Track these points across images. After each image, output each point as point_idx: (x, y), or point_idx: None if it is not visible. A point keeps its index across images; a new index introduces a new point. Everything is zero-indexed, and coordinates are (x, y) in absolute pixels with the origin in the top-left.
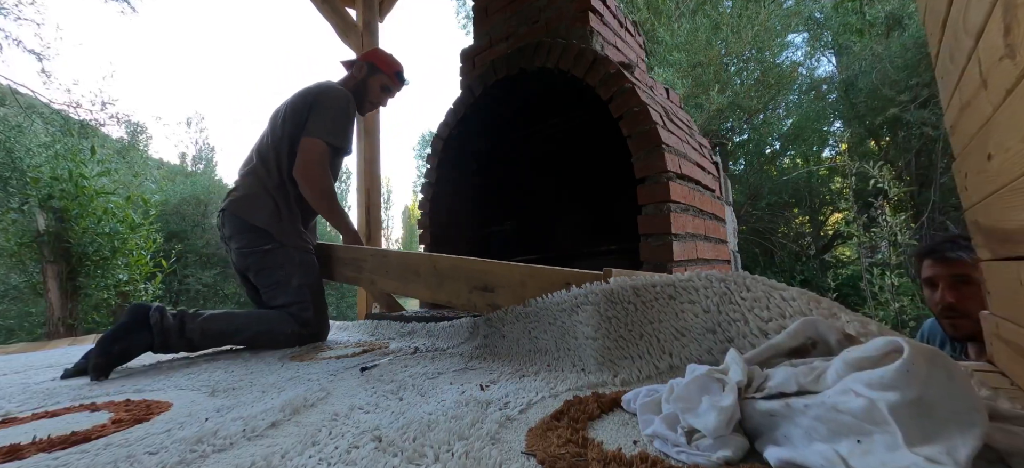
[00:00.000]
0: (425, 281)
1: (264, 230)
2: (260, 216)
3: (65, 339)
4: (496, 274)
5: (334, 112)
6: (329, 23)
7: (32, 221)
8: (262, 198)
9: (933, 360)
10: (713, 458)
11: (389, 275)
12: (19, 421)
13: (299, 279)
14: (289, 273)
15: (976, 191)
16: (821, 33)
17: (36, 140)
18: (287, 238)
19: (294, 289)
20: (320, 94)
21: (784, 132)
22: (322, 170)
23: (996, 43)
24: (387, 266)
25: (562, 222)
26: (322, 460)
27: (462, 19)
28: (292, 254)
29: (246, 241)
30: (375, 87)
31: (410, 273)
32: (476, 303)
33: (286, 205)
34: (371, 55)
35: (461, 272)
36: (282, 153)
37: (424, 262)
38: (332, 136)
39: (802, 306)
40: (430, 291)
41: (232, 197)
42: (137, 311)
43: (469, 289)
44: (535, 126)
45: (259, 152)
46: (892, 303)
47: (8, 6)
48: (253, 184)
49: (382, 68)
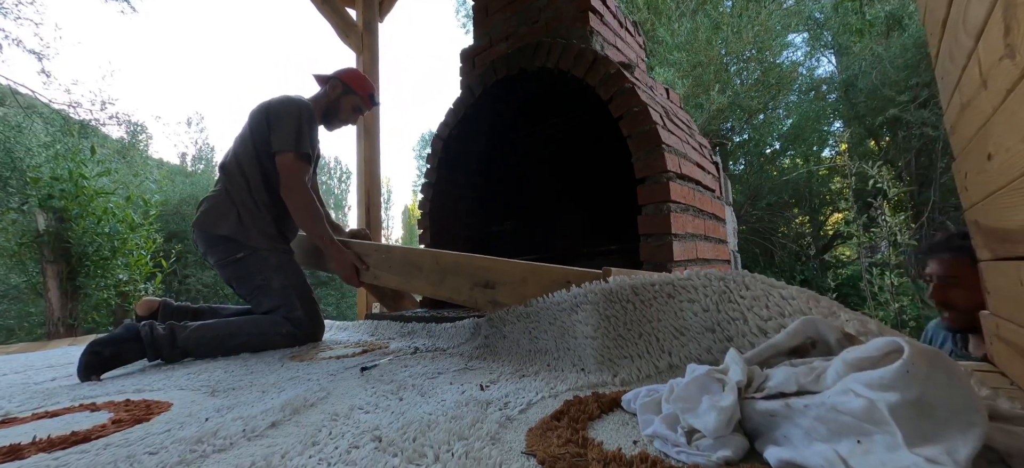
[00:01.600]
0: (428, 277)
1: (231, 238)
2: (224, 225)
3: (65, 339)
4: (498, 271)
5: (293, 121)
6: (329, 23)
7: (32, 221)
8: (224, 207)
9: (933, 361)
10: (713, 458)
11: (392, 270)
12: (19, 421)
13: (280, 280)
14: (267, 277)
15: (976, 191)
16: (821, 33)
17: (36, 140)
18: (257, 242)
19: (277, 291)
20: (272, 107)
21: (784, 132)
22: (300, 183)
23: (996, 43)
24: (391, 261)
25: (562, 222)
26: (322, 460)
27: (462, 19)
28: (266, 257)
29: (219, 254)
30: (347, 107)
31: (413, 268)
32: (477, 299)
33: (252, 211)
34: (347, 76)
35: (463, 268)
36: (244, 164)
37: (427, 258)
38: (299, 145)
39: (801, 305)
40: (432, 287)
41: (198, 214)
42: (128, 328)
43: (471, 285)
44: (535, 126)
45: (223, 168)
46: (892, 303)
47: (8, 5)
48: (216, 197)
49: (356, 90)
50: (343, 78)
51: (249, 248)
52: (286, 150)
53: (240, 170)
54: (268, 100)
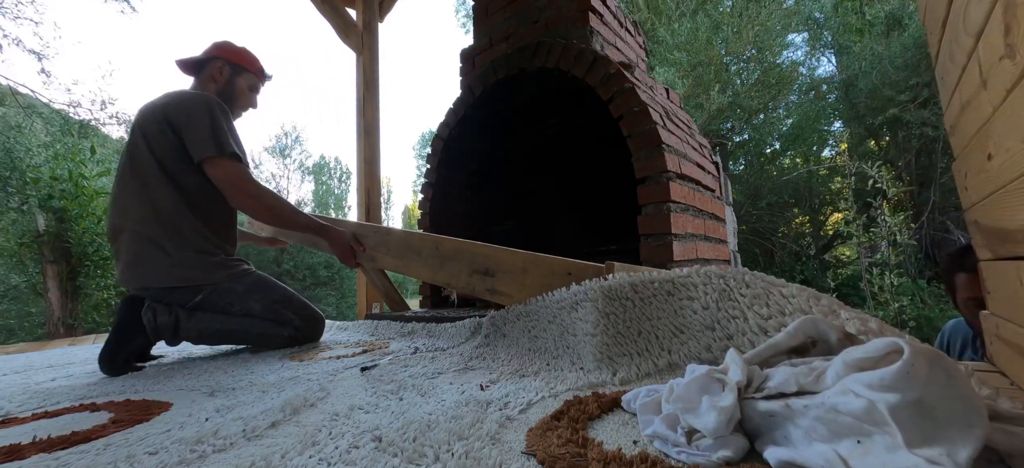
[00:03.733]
0: (426, 261)
1: (176, 288)
2: (158, 276)
3: (65, 339)
4: (497, 259)
5: (206, 118)
6: (329, 23)
7: (32, 221)
8: (147, 253)
9: (933, 361)
10: (713, 458)
11: (390, 252)
12: (19, 421)
13: (260, 302)
14: (244, 305)
15: (976, 191)
16: (821, 33)
17: (36, 140)
18: (207, 275)
19: (262, 312)
20: (172, 109)
21: (784, 132)
22: (252, 183)
23: (996, 43)
24: (388, 243)
25: (562, 222)
26: (322, 460)
27: (462, 18)
28: (229, 287)
29: (177, 303)
30: (243, 87)
31: (412, 252)
32: (475, 287)
33: (182, 242)
34: (229, 53)
35: (464, 255)
36: (152, 188)
37: (427, 242)
38: (224, 145)
39: (802, 303)
40: (430, 271)
41: (120, 272)
42: (130, 309)
43: (469, 272)
44: (535, 126)
45: (120, 209)
46: (892, 303)
47: (7, 5)
48: (133, 246)
49: (247, 66)
50: (227, 57)
51: (206, 286)
52: (212, 156)
53: (146, 199)
54: (156, 102)
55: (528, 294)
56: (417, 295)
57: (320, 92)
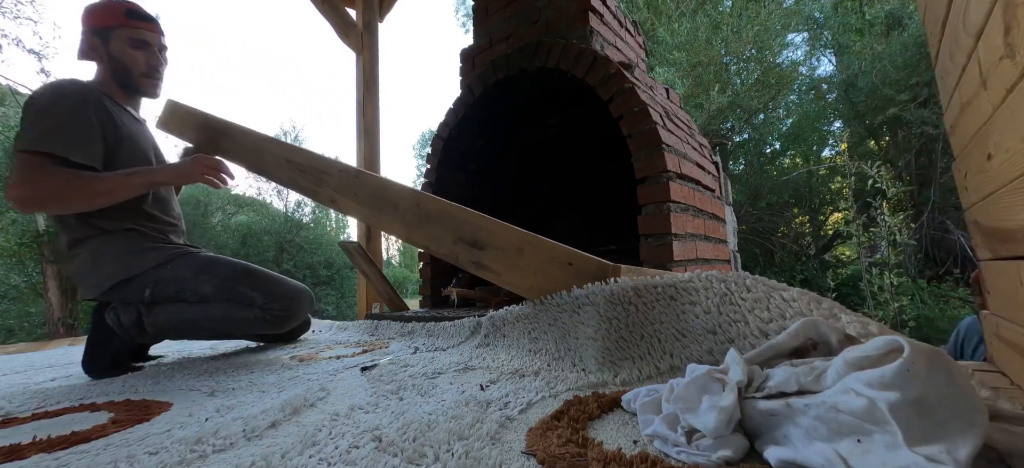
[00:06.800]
0: (403, 217)
1: (118, 285)
2: (95, 282)
3: (65, 339)
4: (490, 232)
5: (35, 113)
6: (329, 23)
7: (32, 221)
8: (82, 259)
9: (933, 360)
10: (713, 458)
11: (357, 199)
12: (19, 421)
13: (207, 280)
14: (195, 289)
15: (976, 191)
16: (821, 33)
17: None
18: (142, 262)
19: (214, 294)
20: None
21: (784, 132)
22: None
23: (996, 43)
24: (356, 188)
25: (562, 221)
26: (322, 460)
27: (462, 18)
28: (170, 271)
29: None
30: (123, 47)
31: (386, 204)
32: (459, 256)
33: (102, 239)
34: (86, 20)
35: (450, 218)
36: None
37: (407, 196)
38: (37, 142)
39: (803, 307)
40: (406, 229)
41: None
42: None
43: (454, 239)
44: (535, 126)
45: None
46: (892, 303)
47: (7, 5)
48: (70, 253)
49: (110, 23)
50: (89, 25)
51: (141, 275)
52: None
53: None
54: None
55: (519, 277)
56: (417, 295)
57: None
